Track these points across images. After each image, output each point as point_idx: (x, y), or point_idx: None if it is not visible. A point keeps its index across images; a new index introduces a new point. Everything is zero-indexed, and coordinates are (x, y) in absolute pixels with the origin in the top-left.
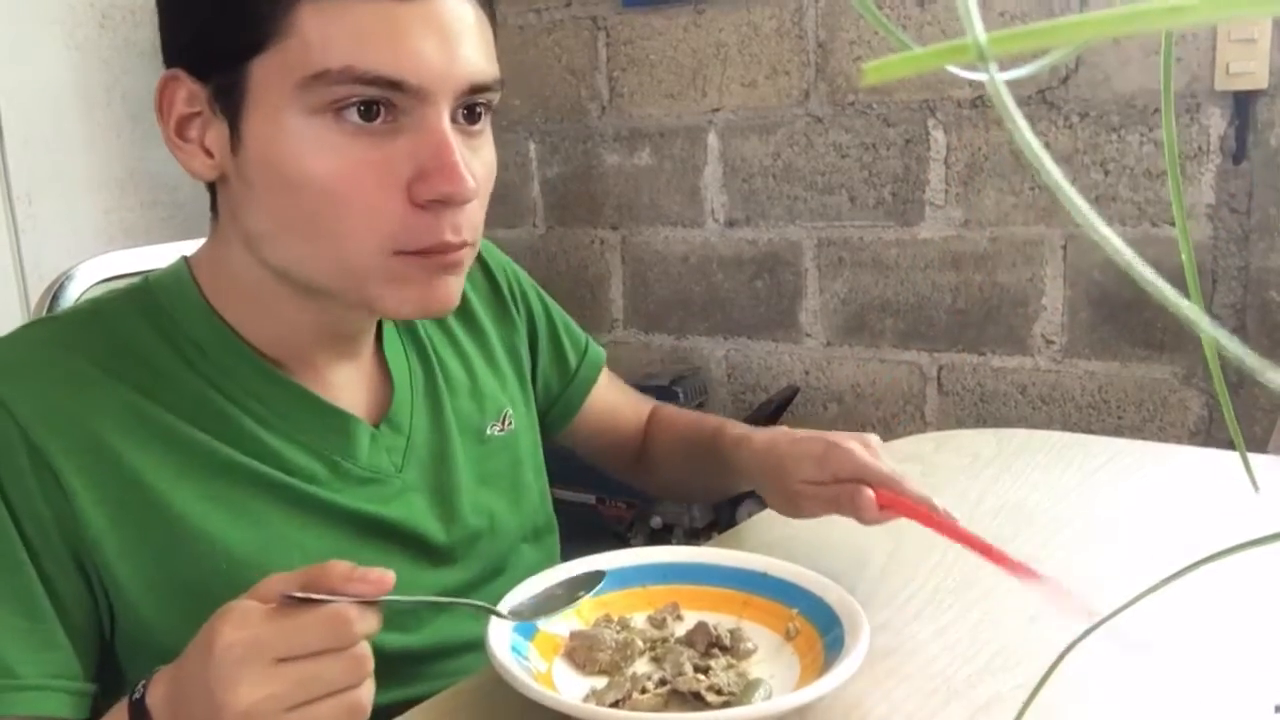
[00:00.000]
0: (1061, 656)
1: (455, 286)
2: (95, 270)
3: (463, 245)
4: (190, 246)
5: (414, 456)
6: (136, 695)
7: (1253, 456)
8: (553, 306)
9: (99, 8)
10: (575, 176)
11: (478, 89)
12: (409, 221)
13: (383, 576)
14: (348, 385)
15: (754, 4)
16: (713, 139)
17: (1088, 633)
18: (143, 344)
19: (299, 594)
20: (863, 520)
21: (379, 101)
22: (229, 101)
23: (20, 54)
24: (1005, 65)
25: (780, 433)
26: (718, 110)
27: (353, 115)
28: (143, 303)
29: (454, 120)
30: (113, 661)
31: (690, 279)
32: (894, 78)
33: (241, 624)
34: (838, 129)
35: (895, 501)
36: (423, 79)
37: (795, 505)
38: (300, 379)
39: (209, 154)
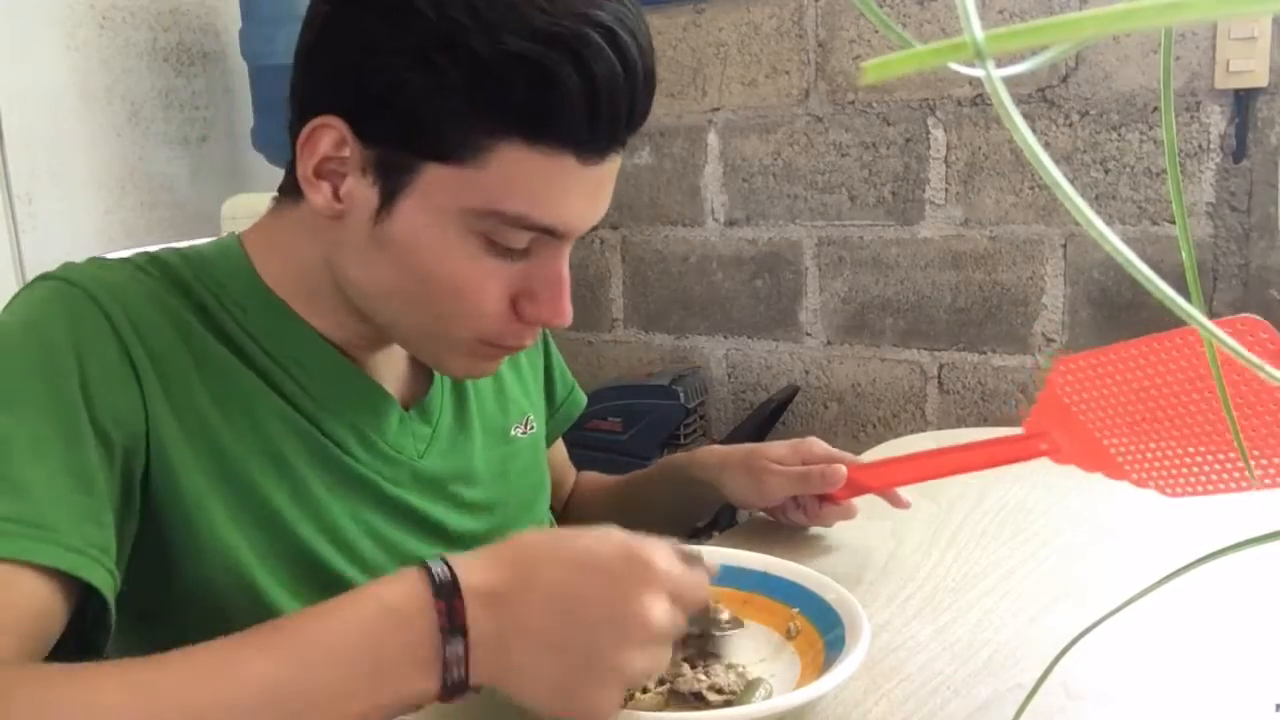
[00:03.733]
0: (1060, 656)
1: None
2: None
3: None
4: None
5: (436, 447)
6: (442, 577)
7: None
8: (553, 345)
9: (99, 8)
10: None
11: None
12: (506, 326)
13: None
14: (383, 370)
15: (754, 3)
16: (713, 138)
17: (1086, 632)
18: (196, 294)
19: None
20: (819, 516)
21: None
22: (389, 178)
23: (20, 55)
24: (1004, 63)
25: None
26: (718, 110)
27: (503, 244)
28: (192, 261)
29: None
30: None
31: (690, 278)
32: (893, 76)
33: (667, 615)
34: (838, 128)
35: (866, 472)
36: (573, 229)
37: (762, 483)
38: (340, 352)
39: (338, 198)
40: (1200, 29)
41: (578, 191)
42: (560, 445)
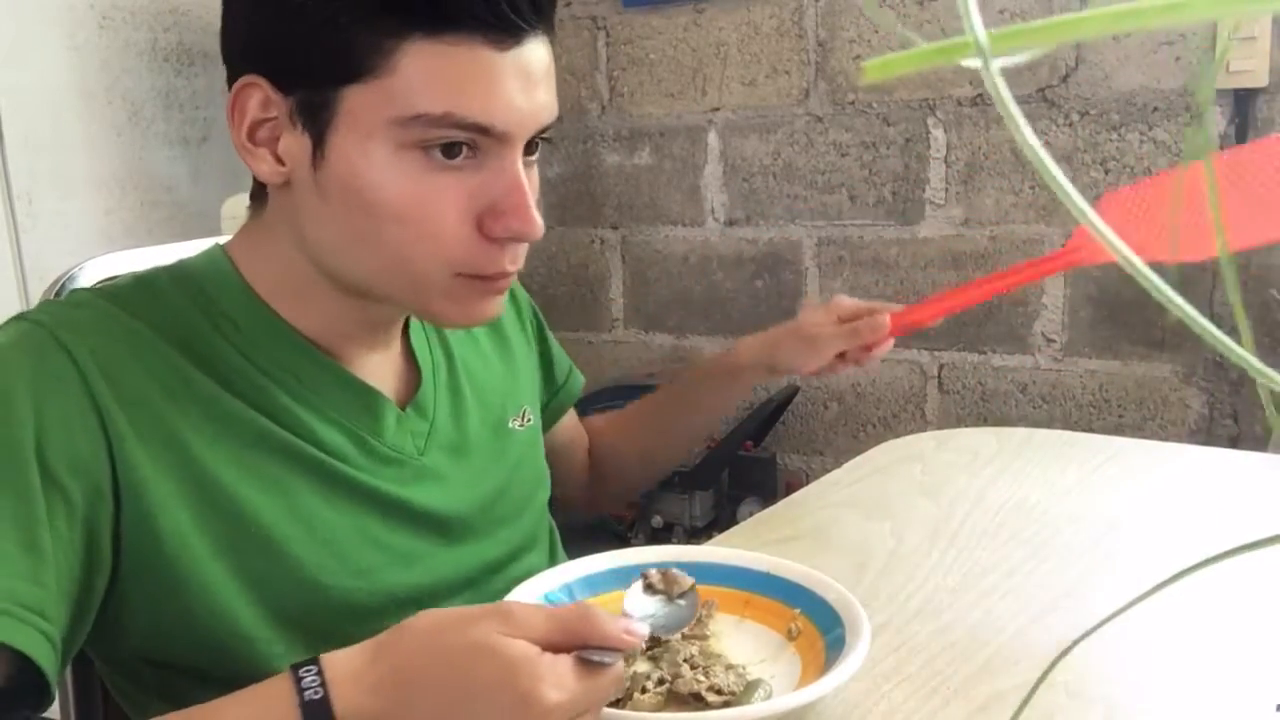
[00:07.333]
0: (1060, 656)
1: (501, 302)
2: (95, 270)
3: (515, 271)
4: (191, 246)
5: (435, 441)
6: (312, 694)
7: (1252, 455)
8: (548, 331)
9: (99, 8)
10: (575, 176)
11: (546, 128)
12: (475, 250)
13: (642, 633)
14: (376, 372)
15: (754, 3)
16: (713, 138)
17: (1088, 634)
18: (183, 315)
19: (594, 657)
20: (866, 360)
21: (464, 142)
22: (314, 118)
23: (20, 55)
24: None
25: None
26: (718, 110)
27: (437, 153)
28: (180, 279)
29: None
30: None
31: (690, 279)
32: (894, 76)
33: (559, 685)
34: (838, 128)
35: (907, 312)
36: (509, 125)
37: (815, 345)
38: (332, 359)
39: (279, 160)
40: (1200, 29)
41: (500, 82)
42: (572, 418)
